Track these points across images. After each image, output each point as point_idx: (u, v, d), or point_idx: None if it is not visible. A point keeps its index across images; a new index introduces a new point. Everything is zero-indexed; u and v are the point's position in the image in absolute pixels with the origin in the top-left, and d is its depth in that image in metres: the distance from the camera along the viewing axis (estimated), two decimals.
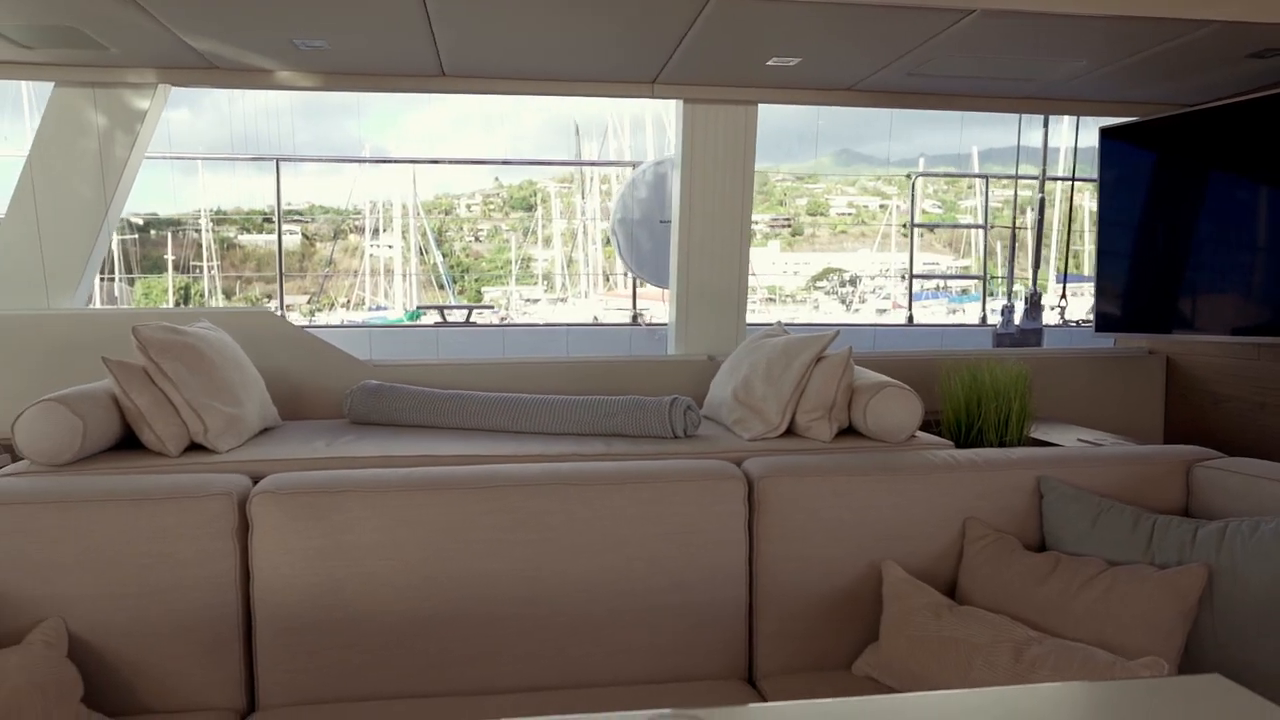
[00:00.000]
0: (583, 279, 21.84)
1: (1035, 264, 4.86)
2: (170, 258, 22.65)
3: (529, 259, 27.50)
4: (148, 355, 2.42)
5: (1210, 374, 3.70)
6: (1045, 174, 4.96)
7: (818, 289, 29.42)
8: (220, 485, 1.76)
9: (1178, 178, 3.48)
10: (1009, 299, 4.91)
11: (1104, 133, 3.68)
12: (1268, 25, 2.64)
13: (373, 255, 23.66)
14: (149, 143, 3.34)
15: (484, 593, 1.76)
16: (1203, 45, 2.88)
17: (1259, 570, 1.68)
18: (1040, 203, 4.99)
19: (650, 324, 5.63)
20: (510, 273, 26.52)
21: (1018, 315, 4.71)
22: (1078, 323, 5.38)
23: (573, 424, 2.72)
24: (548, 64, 3.09)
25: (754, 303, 17.30)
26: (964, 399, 3.02)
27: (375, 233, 23.69)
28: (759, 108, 3.50)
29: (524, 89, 3.30)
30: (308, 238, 29.37)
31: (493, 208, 34.84)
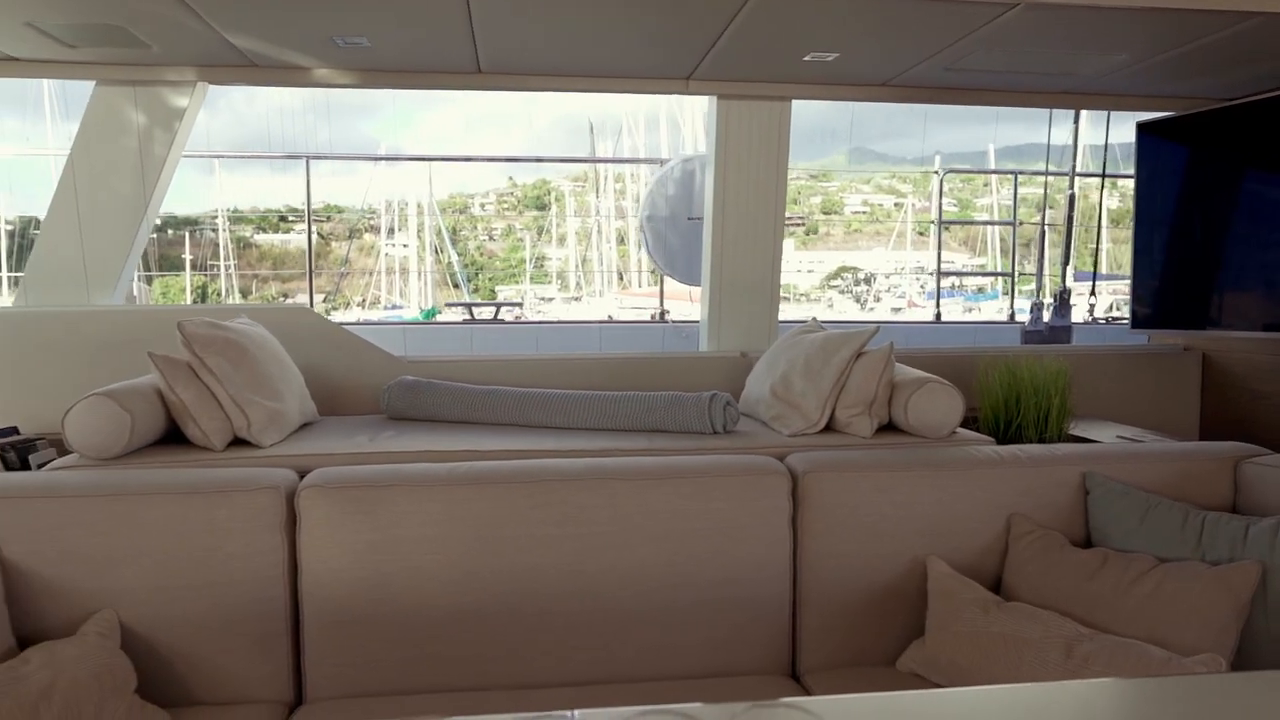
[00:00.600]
0: (597, 277, 21.84)
1: (1065, 261, 4.83)
2: (188, 257, 22.78)
3: (543, 258, 27.54)
4: (192, 350, 2.44)
5: (1247, 370, 3.67)
6: (1075, 170, 4.93)
7: (832, 287, 29.34)
8: (268, 479, 1.78)
9: (1215, 173, 3.45)
10: (1038, 296, 4.88)
11: (1141, 128, 3.66)
12: None
13: (388, 254, 23.74)
14: (187, 141, 3.37)
15: (529, 587, 1.77)
16: (1247, 38, 2.85)
17: None
18: (1071, 199, 4.95)
19: (675, 321, 5.63)
20: (524, 271, 26.56)
21: (1046, 312, 4.69)
22: (1107, 320, 5.35)
23: (611, 419, 2.72)
24: (583, 61, 3.10)
25: None
26: (1002, 396, 3.00)
27: (391, 232, 23.77)
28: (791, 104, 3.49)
29: (558, 85, 3.31)
30: (323, 237, 29.50)
31: (507, 206, 34.92)
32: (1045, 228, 5.65)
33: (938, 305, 6.15)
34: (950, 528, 1.91)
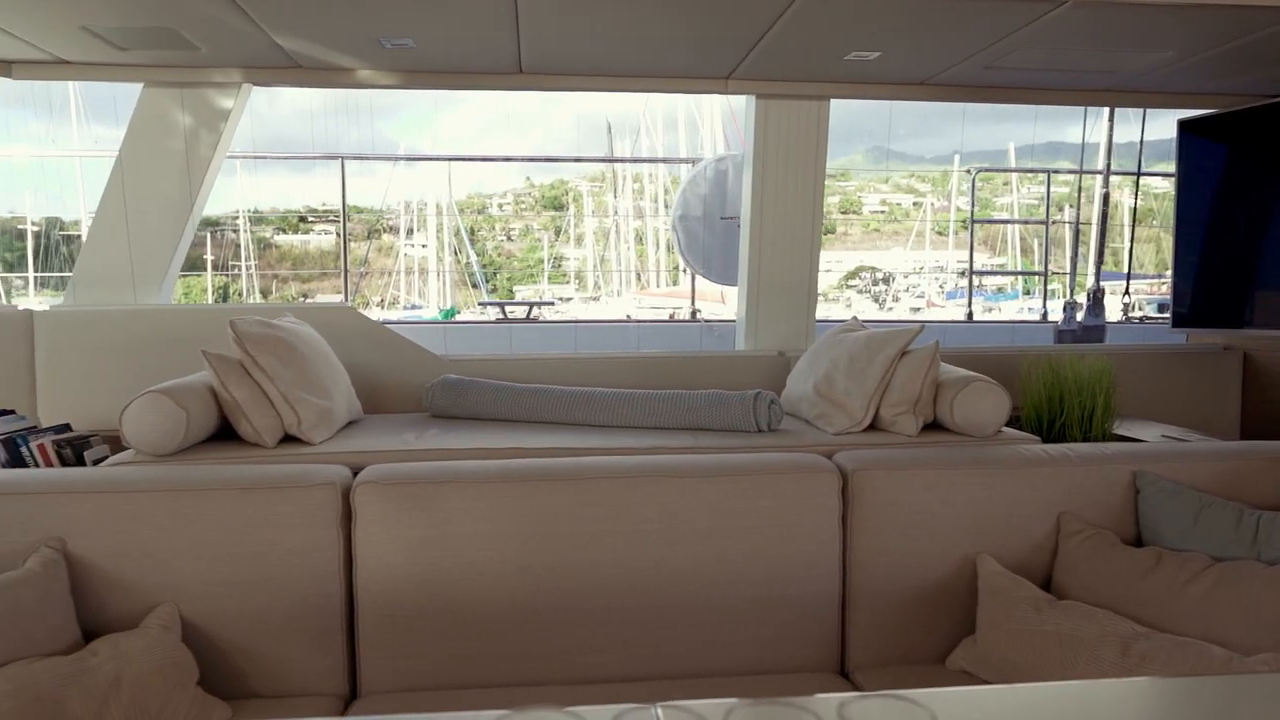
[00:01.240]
0: (616, 277, 21.85)
1: (1099, 260, 4.79)
2: (209, 257, 22.95)
3: (561, 258, 27.59)
4: (244, 348, 2.47)
5: None
6: (1109, 168, 4.90)
7: (850, 287, 29.25)
8: (324, 475, 1.79)
9: (1258, 170, 3.43)
10: (1070, 295, 4.85)
11: (1182, 125, 3.63)
12: None
13: (407, 255, 23.84)
14: (231, 142, 3.40)
15: (580, 583, 1.78)
16: None
17: None
18: (1104, 198, 4.92)
19: (708, 320, 5.63)
20: (542, 271, 26.62)
21: (1079, 311, 4.67)
22: (1141, 319, 5.31)
23: (654, 418, 2.73)
24: (623, 61, 3.11)
25: None
26: (1045, 395, 2.99)
27: (409, 232, 23.87)
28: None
29: (598, 85, 3.32)
30: (342, 237, 29.66)
31: (524, 207, 35.01)
32: (1079, 226, 5.60)
33: (969, 305, 6.10)
34: (1000, 526, 1.91)
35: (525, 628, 1.77)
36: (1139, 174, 4.60)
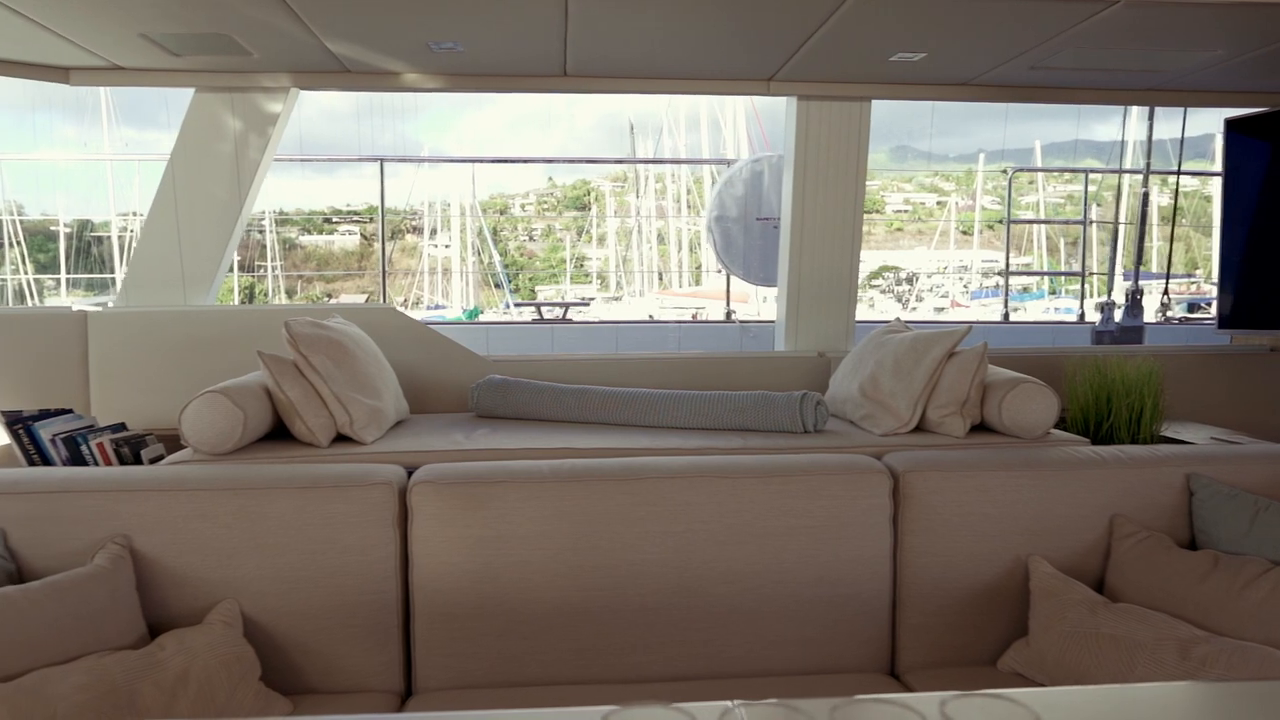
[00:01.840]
0: (638, 277, 21.86)
1: (1137, 261, 4.74)
2: (236, 258, 23.15)
3: (583, 258, 27.63)
4: (298, 349, 2.50)
5: None
6: (1149, 167, 4.85)
7: (873, 287, 29.09)
8: (382, 475, 1.81)
9: None
10: (1109, 295, 4.81)
11: (1229, 124, 3.59)
12: None
13: (430, 255, 23.95)
14: (278, 145, 3.45)
15: (634, 583, 1.78)
16: None
17: None
18: (1145, 197, 4.87)
19: (744, 320, 5.63)
20: (564, 271, 26.67)
21: (1117, 312, 4.62)
22: (1180, 320, 5.24)
23: (700, 418, 2.74)
24: (668, 63, 3.11)
25: None
26: (1092, 396, 2.97)
27: (433, 232, 23.97)
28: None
29: (640, 87, 3.33)
30: (365, 238, 29.89)
31: (546, 207, 35.10)
32: (1118, 226, 5.53)
33: (1005, 305, 6.04)
34: (1051, 528, 1.90)
35: (577, 626, 1.78)
36: (1179, 173, 4.55)
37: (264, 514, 1.74)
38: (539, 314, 5.85)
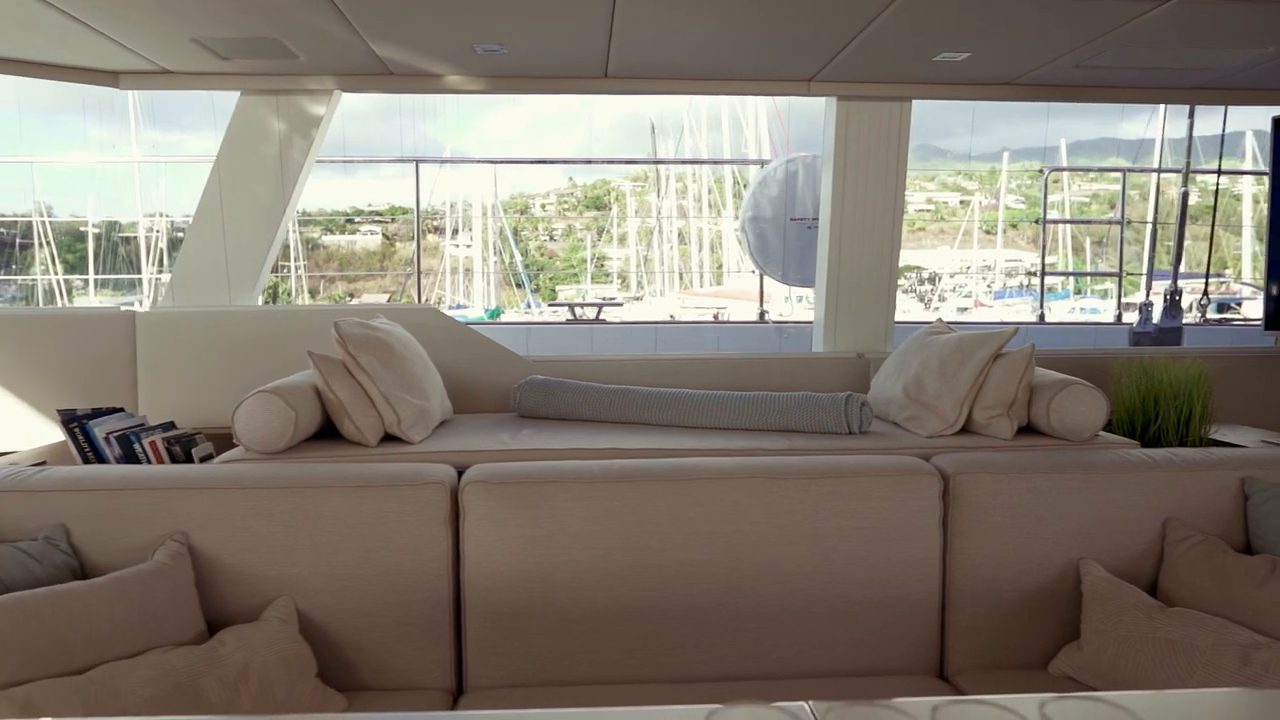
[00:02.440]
0: (659, 277, 21.85)
1: (1176, 261, 4.68)
2: None
3: (603, 258, 27.65)
4: (346, 349, 2.52)
5: None
6: (1189, 166, 4.79)
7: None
8: (434, 474, 1.82)
9: None
10: (1146, 296, 4.75)
11: (1278, 122, 3.55)
12: None
13: (452, 255, 24.05)
14: (321, 146, 3.48)
15: (684, 583, 1.79)
16: None
17: None
18: (1184, 196, 4.81)
19: (778, 321, 5.61)
20: (585, 271, 26.70)
21: (1155, 313, 4.57)
22: (1219, 321, 5.17)
23: (744, 419, 2.74)
24: (709, 64, 3.12)
25: None
26: (1139, 399, 2.94)
27: (454, 232, 24.07)
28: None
29: (681, 88, 3.34)
30: (388, 238, 30.06)
31: (567, 207, 35.16)
32: (1156, 225, 5.46)
33: (1041, 306, 5.96)
34: (1103, 531, 1.88)
35: (626, 626, 1.78)
36: (1219, 172, 4.49)
37: (320, 513, 1.76)
38: (572, 314, 5.85)
